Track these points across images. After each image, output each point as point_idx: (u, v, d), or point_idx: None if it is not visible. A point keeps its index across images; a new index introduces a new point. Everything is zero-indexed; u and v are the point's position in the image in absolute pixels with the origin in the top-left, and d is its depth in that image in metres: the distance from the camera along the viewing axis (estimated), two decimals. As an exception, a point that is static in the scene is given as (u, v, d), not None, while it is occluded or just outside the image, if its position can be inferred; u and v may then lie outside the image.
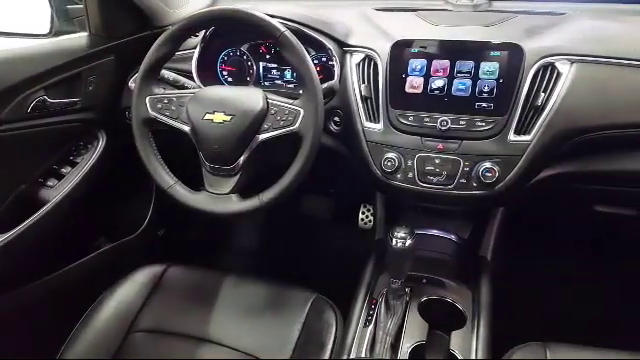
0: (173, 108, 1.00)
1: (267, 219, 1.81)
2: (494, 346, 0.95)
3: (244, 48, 1.24)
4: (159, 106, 1.00)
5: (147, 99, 1.01)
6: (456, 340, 0.94)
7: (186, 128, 0.99)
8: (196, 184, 1.02)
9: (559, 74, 0.94)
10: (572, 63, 0.94)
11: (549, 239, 1.50)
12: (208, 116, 0.96)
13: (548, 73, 0.94)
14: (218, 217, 0.98)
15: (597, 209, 1.15)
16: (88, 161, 1.24)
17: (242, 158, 0.96)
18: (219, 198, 0.97)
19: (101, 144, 1.28)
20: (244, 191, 0.98)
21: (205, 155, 0.98)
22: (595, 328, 1.11)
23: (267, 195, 0.94)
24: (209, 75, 1.23)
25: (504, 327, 1.00)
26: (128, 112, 1.24)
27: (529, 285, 1.50)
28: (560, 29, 1.03)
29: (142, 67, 1.00)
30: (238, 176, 0.97)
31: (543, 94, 0.93)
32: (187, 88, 1.13)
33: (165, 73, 1.10)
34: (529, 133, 0.94)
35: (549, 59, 0.94)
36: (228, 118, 0.94)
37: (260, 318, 1.04)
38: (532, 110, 0.94)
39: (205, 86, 1.10)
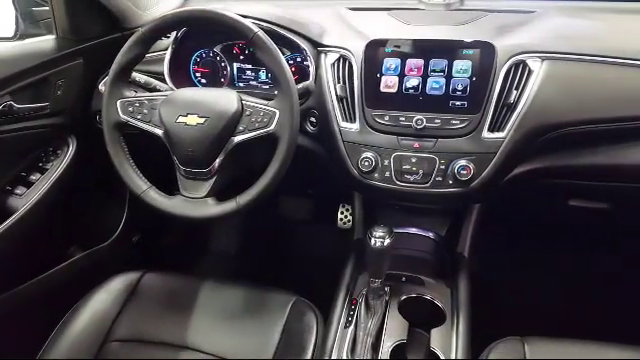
0: (145, 111, 0.98)
1: (245, 222, 1.79)
2: (474, 342, 0.96)
3: (217, 49, 1.23)
4: (130, 109, 0.98)
5: (118, 102, 0.98)
6: (436, 338, 0.95)
7: (159, 131, 0.97)
8: (171, 188, 1.00)
9: (530, 71, 0.95)
10: (543, 60, 0.96)
11: (525, 234, 1.52)
12: (181, 119, 0.94)
13: (520, 71, 0.96)
14: (194, 222, 0.96)
15: (571, 204, 1.17)
16: (58, 167, 1.21)
17: (217, 161, 0.94)
18: (195, 202, 0.95)
19: (71, 149, 1.24)
20: (220, 194, 0.97)
21: (179, 159, 0.96)
22: (573, 321, 1.13)
23: (244, 198, 0.93)
24: (182, 77, 1.21)
25: (483, 323, 1.01)
26: (99, 116, 1.21)
27: (507, 280, 1.52)
28: (530, 27, 1.05)
29: (112, 70, 0.98)
30: (214, 179, 0.95)
31: (515, 91, 0.94)
32: (159, 90, 1.11)
33: (136, 76, 1.08)
34: (502, 130, 0.95)
35: (520, 57, 0.96)
36: (202, 120, 0.93)
37: (240, 322, 1.03)
38: (505, 107, 0.95)
39: (178, 88, 1.08)
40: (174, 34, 1.18)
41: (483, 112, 0.95)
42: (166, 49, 1.18)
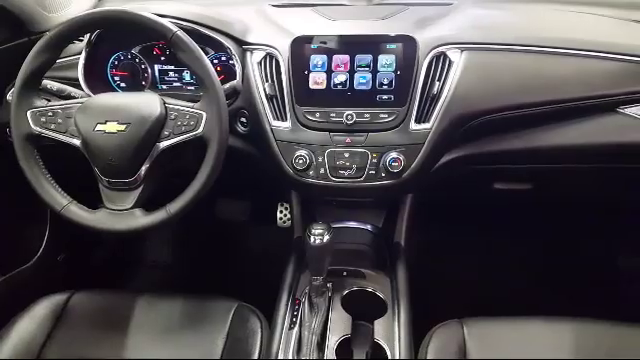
0: (59, 121, 0.92)
1: (180, 229, 1.73)
2: (416, 328, 0.99)
3: (135, 51, 1.17)
4: (43, 120, 0.92)
5: (28, 113, 0.91)
6: (379, 328, 0.96)
7: (76, 142, 0.91)
8: (95, 202, 0.94)
9: (451, 63, 0.99)
10: (462, 51, 0.99)
11: (456, 219, 1.59)
12: (100, 127, 0.89)
13: (441, 62, 0.99)
14: (122, 235, 0.91)
15: (496, 187, 1.23)
16: (-34, 186, 1.11)
17: (143, 169, 0.90)
18: (121, 214, 0.90)
19: (-20, 166, 1.14)
20: (149, 204, 0.93)
21: (100, 169, 0.91)
22: (508, 298, 1.19)
23: (175, 206, 0.90)
24: (99, 82, 1.14)
25: (424, 308, 1.04)
26: (8, 128, 1.11)
27: (443, 265, 1.58)
28: (449, 19, 1.09)
29: (19, 77, 0.91)
30: (140, 189, 0.91)
31: (438, 83, 0.97)
32: (74, 98, 1.03)
33: (47, 83, 1.01)
34: (428, 121, 0.98)
35: (441, 49, 0.99)
36: (123, 127, 0.88)
37: (181, 335, 0.99)
38: (429, 99, 0.98)
39: (95, 94, 1.02)
40: (87, 37, 1.11)
41: (409, 105, 0.98)
42: (79, 53, 1.11)
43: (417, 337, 0.97)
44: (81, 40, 1.11)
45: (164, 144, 0.90)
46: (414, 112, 0.98)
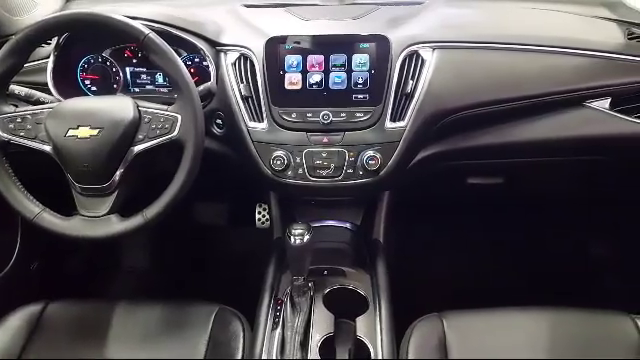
0: (29, 127, 0.89)
1: (156, 233, 1.70)
2: (397, 323, 1.00)
3: (106, 54, 1.15)
4: (11, 126, 0.89)
5: None
6: (361, 325, 0.97)
7: (47, 148, 0.89)
8: (69, 209, 0.92)
9: (423, 61, 1.00)
10: (434, 50, 1.01)
11: (433, 214, 1.61)
12: (72, 132, 0.87)
13: (414, 61, 1.00)
14: (98, 242, 0.89)
15: (470, 182, 1.26)
16: None
17: (117, 174, 0.89)
18: (96, 221, 0.88)
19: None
20: (125, 209, 0.91)
21: (73, 175, 0.89)
22: (484, 290, 1.22)
23: (151, 211, 0.89)
24: (69, 86, 1.11)
25: (405, 303, 1.05)
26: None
27: (421, 260, 1.60)
28: (420, 18, 1.10)
29: None
30: (115, 194, 0.89)
31: (412, 81, 0.99)
32: (44, 103, 1.00)
33: (15, 88, 0.98)
34: (403, 119, 0.99)
35: (413, 47, 1.00)
36: (95, 132, 0.86)
37: (161, 342, 0.98)
38: (403, 98, 0.99)
39: (65, 99, 0.99)
40: (55, 40, 1.08)
41: (384, 103, 0.99)
42: (48, 57, 1.08)
43: (398, 332, 0.99)
44: (49, 43, 1.08)
45: (138, 148, 0.89)
46: (389, 111, 0.99)
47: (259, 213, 1.41)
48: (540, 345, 0.94)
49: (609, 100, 1.04)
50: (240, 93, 1.02)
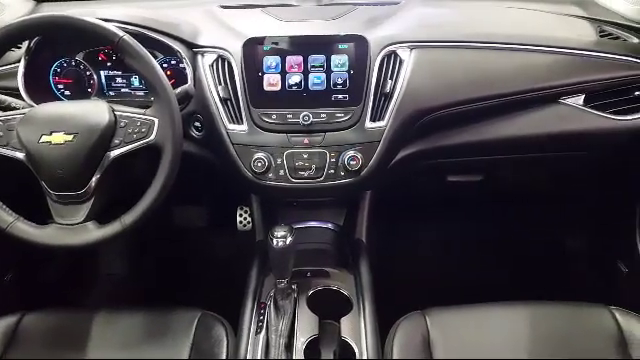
0: (0, 134, 0.87)
1: (136, 239, 1.67)
2: (381, 323, 1.00)
3: (79, 57, 1.12)
4: None
5: None
6: (346, 326, 0.97)
7: (20, 155, 0.86)
8: (44, 217, 0.89)
9: (401, 61, 1.01)
10: (411, 49, 1.02)
11: (414, 212, 1.62)
12: (45, 138, 0.84)
13: (392, 61, 1.01)
14: (75, 250, 0.87)
15: (450, 179, 1.27)
16: None
17: (93, 180, 0.86)
18: (72, 229, 0.86)
19: None
20: (102, 216, 0.89)
21: (48, 183, 0.86)
22: (466, 287, 1.23)
23: (130, 217, 0.87)
24: (41, 91, 1.08)
25: (388, 302, 1.06)
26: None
27: (404, 258, 1.61)
28: (397, 18, 1.11)
29: None
30: (91, 201, 0.87)
31: (390, 81, 0.99)
32: (15, 108, 0.97)
33: (-16, 94, 0.95)
34: (383, 119, 0.99)
35: (391, 47, 1.01)
36: (70, 137, 0.84)
37: (143, 350, 0.96)
38: (383, 97, 0.99)
39: (37, 104, 0.97)
40: (26, 44, 1.05)
41: (364, 103, 0.99)
42: (18, 61, 1.05)
43: (383, 330, 0.99)
44: (20, 47, 1.05)
45: (115, 153, 0.87)
46: (369, 111, 0.99)
47: (240, 216, 1.40)
48: (522, 339, 0.96)
49: (583, 96, 1.06)
50: (218, 95, 1.01)
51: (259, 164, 0.98)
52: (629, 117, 1.05)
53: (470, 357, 0.93)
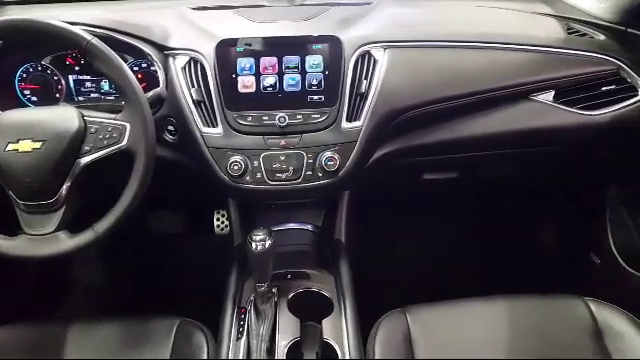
0: None
1: (111, 247, 1.63)
2: (363, 322, 1.00)
3: (46, 62, 1.09)
4: None
5: None
6: (327, 327, 0.97)
7: None
8: (14, 228, 0.86)
9: (375, 61, 1.01)
10: (385, 49, 1.02)
11: (391, 211, 1.64)
12: (11, 146, 0.82)
13: (366, 61, 1.01)
14: (47, 261, 0.84)
15: (426, 177, 1.28)
16: None
17: (64, 188, 0.84)
18: (43, 239, 0.84)
19: None
20: (74, 224, 0.87)
21: (16, 192, 0.84)
22: (445, 283, 1.25)
23: (103, 224, 0.85)
24: (6, 97, 1.05)
25: (369, 302, 1.06)
26: None
27: (383, 257, 1.62)
28: (370, 18, 1.11)
29: None
30: (62, 210, 0.85)
31: (365, 81, 0.99)
32: (-21, 116, 0.94)
33: (-56, 101, 0.91)
34: (359, 119, 0.99)
35: (365, 47, 1.01)
36: (38, 145, 0.82)
37: (121, 361, 0.94)
38: (358, 97, 1.00)
39: (3, 111, 0.93)
40: (-11, 49, 1.01)
41: (339, 104, 0.99)
42: (-20, 67, 1.01)
43: (365, 330, 0.99)
44: (-19, 52, 1.02)
45: (86, 160, 0.85)
46: (345, 111, 0.99)
47: (218, 220, 1.38)
48: (500, 332, 0.97)
49: (553, 93, 1.08)
50: (192, 98, 0.99)
51: (235, 167, 0.97)
52: (597, 112, 1.08)
53: (450, 352, 0.94)
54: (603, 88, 1.08)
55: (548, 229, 1.69)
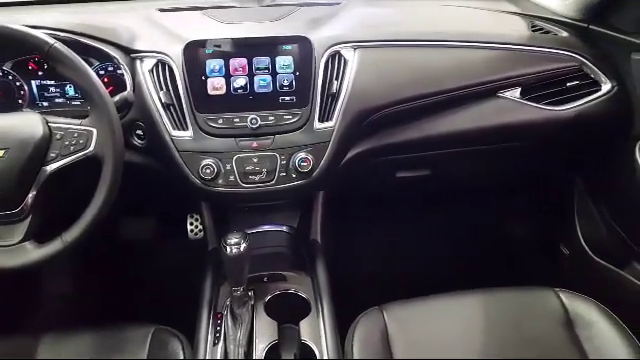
0: None
1: (81, 256, 1.59)
2: (340, 322, 1.00)
3: (7, 67, 1.05)
4: None
5: None
6: (305, 329, 0.96)
7: None
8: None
9: (346, 61, 1.01)
10: (355, 49, 1.03)
11: (366, 209, 1.64)
12: None
13: (337, 61, 1.01)
14: (14, 273, 0.82)
15: (399, 175, 1.29)
16: None
17: (29, 197, 0.82)
18: (8, 250, 0.81)
19: None
20: (42, 234, 0.84)
21: None
22: (420, 279, 1.26)
23: (72, 234, 0.82)
24: (-35, 104, 1.01)
25: (346, 301, 1.06)
26: None
27: (359, 255, 1.63)
28: (340, 18, 1.12)
29: None
30: (29, 219, 0.82)
31: (336, 81, 1.00)
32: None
33: None
34: (331, 119, 0.99)
35: (335, 47, 1.01)
36: (0, 153, 0.79)
37: (94, 373, 0.91)
38: (329, 98, 1.00)
39: (-38, 119, 0.90)
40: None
41: (311, 105, 0.99)
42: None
43: (343, 329, 0.99)
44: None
45: (51, 167, 0.82)
46: (317, 112, 0.99)
47: (191, 224, 1.36)
48: (475, 326, 0.99)
49: (519, 89, 1.10)
50: (160, 101, 0.97)
51: (207, 170, 0.96)
52: (563, 107, 1.11)
53: (427, 347, 0.95)
54: (568, 84, 1.11)
55: (519, 223, 1.73)
